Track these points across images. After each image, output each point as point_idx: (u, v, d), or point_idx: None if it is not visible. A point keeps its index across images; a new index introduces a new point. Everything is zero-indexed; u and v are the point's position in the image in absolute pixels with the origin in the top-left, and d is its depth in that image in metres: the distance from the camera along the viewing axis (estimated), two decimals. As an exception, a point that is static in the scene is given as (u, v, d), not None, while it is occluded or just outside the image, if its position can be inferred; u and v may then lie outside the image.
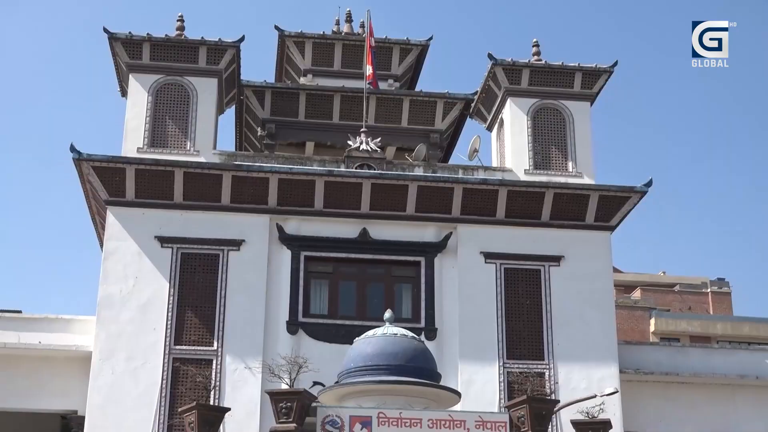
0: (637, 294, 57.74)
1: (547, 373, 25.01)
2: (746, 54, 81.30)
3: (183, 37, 27.07)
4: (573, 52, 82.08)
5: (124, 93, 27.74)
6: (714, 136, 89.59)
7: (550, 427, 18.64)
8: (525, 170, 27.16)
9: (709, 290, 59.92)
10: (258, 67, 70.30)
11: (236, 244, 25.49)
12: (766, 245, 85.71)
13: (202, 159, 26.08)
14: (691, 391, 27.01)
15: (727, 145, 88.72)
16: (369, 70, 28.20)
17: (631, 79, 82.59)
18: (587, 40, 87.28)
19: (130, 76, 26.94)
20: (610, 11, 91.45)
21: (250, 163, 26.08)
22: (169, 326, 24.65)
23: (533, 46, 28.50)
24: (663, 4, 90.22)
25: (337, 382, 19.71)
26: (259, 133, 30.13)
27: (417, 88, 32.33)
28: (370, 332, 20.19)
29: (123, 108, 26.95)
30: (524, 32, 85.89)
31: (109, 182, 25.41)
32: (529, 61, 28.04)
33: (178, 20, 27.54)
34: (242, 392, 24.09)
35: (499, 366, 25.11)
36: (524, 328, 25.60)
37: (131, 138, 26.28)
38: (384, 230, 26.24)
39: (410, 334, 20.27)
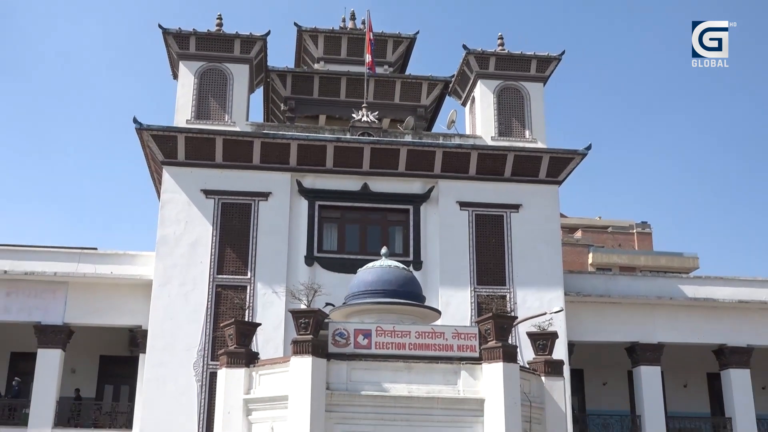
0: (578, 234, 57.86)
1: (508, 296, 25.11)
2: (746, 54, 75.04)
3: (221, 31, 26.77)
4: (576, 50, 79.21)
5: (175, 76, 27.47)
6: (639, 108, 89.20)
7: (510, 337, 18.72)
8: (491, 137, 27.02)
9: (634, 231, 60.07)
10: (281, 55, 69.55)
11: (264, 195, 25.41)
12: (679, 196, 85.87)
13: (237, 128, 25.91)
14: (619, 309, 27.11)
15: (650, 115, 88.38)
16: (368, 58, 27.98)
17: (583, 64, 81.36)
18: (586, 38, 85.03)
19: (179, 62, 26.68)
20: (607, 10, 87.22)
21: (275, 132, 25.92)
22: (212, 260, 24.66)
23: (498, 39, 28.25)
24: (663, 4, 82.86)
25: (344, 303, 19.79)
26: (282, 108, 29.95)
27: (407, 72, 32.07)
28: (370, 264, 20.23)
29: (174, 88, 26.74)
30: (511, 26, 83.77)
31: (164, 147, 25.27)
32: (495, 50, 27.82)
33: (217, 18, 27.28)
34: (270, 311, 24.17)
35: (470, 290, 25.17)
36: (490, 261, 25.62)
37: (181, 112, 26.10)
38: (381, 184, 26.15)
39: (401, 265, 20.32)
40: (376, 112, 27.25)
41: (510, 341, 18.28)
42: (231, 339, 18.54)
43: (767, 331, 27.57)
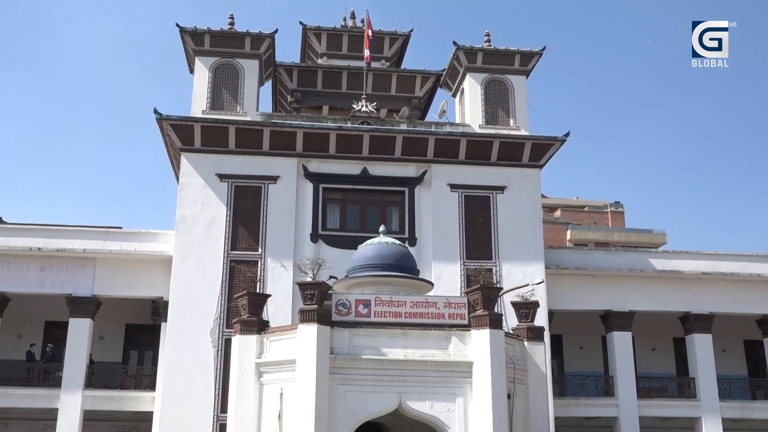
0: (558, 213, 57.94)
1: (494, 269, 25.17)
2: (746, 54, 71.25)
3: (233, 30, 26.61)
4: (576, 48, 77.16)
5: (191, 70, 27.35)
6: (620, 100, 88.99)
7: (496, 306, 18.84)
8: (479, 125, 26.98)
9: (608, 210, 60.14)
10: (287, 51, 68.95)
11: (273, 179, 25.39)
12: (649, 179, 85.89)
13: (248, 118, 25.85)
14: (595, 280, 27.21)
15: (629, 107, 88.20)
16: (367, 53, 27.88)
17: (583, 61, 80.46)
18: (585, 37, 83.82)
19: (195, 58, 26.57)
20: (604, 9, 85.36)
21: (282, 121, 25.87)
22: (227, 237, 24.67)
23: (485, 35, 28.14)
24: (663, 4, 79.68)
25: (346, 276, 19.87)
26: (288, 100, 29.86)
27: (402, 66, 31.96)
28: (369, 241, 20.30)
29: (191, 81, 26.63)
30: (511, 24, 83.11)
31: (182, 135, 25.22)
32: (482, 46, 27.71)
33: (229, 18, 27.11)
34: (279, 283, 24.21)
35: (460, 264, 25.23)
36: (478, 238, 25.67)
37: (197, 103, 26.02)
38: (379, 169, 26.11)
39: (398, 242, 20.39)
40: (375, 103, 27.20)
41: (496, 310, 18.38)
42: (244, 309, 18.64)
43: (728, 300, 27.75)
